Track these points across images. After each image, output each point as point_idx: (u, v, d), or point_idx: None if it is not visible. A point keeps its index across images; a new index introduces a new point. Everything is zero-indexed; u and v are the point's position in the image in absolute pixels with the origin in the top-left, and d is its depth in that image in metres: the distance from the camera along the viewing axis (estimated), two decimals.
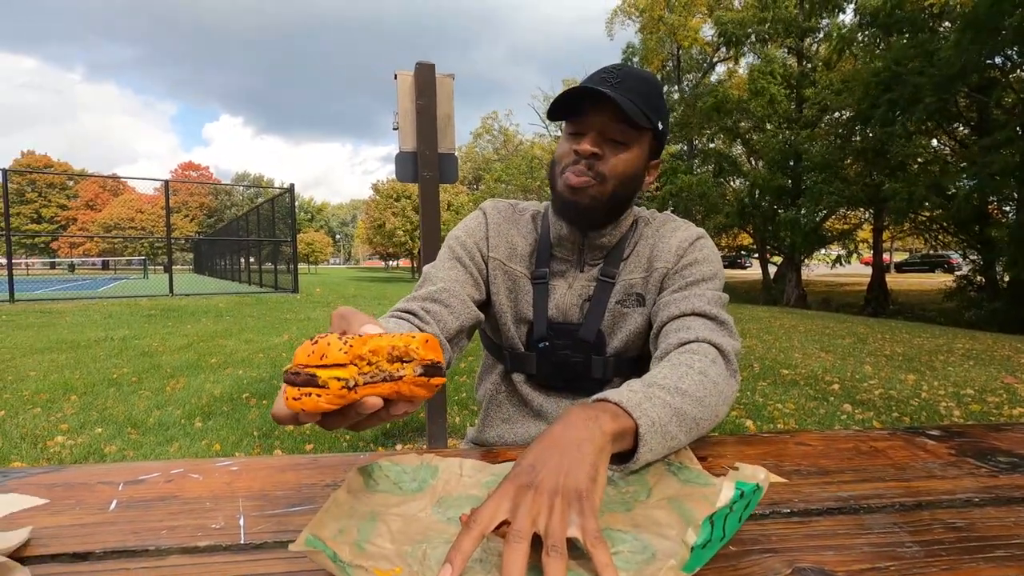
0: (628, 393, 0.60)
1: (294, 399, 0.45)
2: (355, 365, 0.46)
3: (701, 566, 0.43)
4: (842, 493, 0.59)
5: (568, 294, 0.94)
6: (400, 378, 0.48)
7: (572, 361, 0.93)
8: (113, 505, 0.55)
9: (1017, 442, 0.75)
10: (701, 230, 0.96)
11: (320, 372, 0.45)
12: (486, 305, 0.99)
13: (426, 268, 0.95)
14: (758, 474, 0.44)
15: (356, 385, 0.46)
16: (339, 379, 0.45)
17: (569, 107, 0.86)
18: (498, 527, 0.44)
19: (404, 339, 0.48)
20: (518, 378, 0.98)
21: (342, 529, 0.47)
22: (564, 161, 0.88)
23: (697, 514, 0.50)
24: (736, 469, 0.44)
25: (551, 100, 0.91)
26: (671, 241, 0.92)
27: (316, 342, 0.47)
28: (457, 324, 0.87)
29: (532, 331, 0.95)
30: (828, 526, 0.52)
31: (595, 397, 0.61)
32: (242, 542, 0.48)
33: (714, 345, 0.76)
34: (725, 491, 0.41)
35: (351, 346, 0.47)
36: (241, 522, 0.52)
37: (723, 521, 0.42)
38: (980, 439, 0.76)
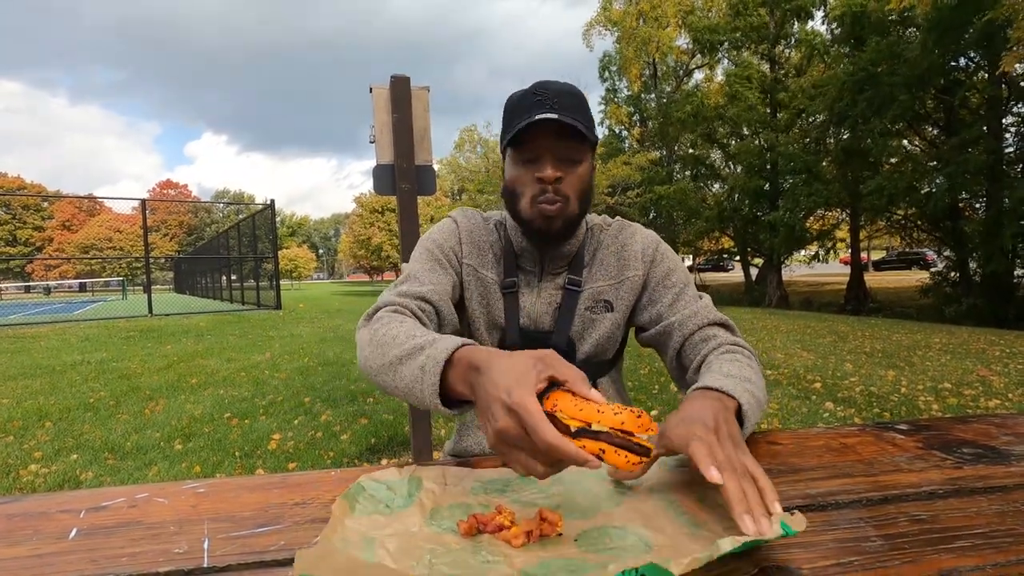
0: (723, 379, 0.69)
1: (634, 464, 0.53)
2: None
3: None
4: (811, 490, 0.59)
5: (538, 302, 0.97)
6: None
7: None
8: (73, 533, 0.53)
9: (982, 433, 0.77)
10: (654, 234, 1.01)
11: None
12: (460, 309, 1.00)
13: (407, 266, 0.95)
14: (800, 524, 0.45)
15: None
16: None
17: (516, 134, 0.86)
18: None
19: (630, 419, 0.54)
20: None
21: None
22: (523, 188, 0.89)
23: (684, 506, 0.55)
24: (776, 513, 0.47)
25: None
26: (634, 248, 0.98)
27: (640, 415, 0.54)
28: (450, 329, 0.90)
29: (504, 339, 0.97)
30: None
31: (692, 387, 0.70)
32: (205, 566, 0.47)
33: (739, 346, 0.85)
34: (775, 527, 0.45)
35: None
36: (205, 545, 0.50)
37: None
38: (947, 431, 0.78)
